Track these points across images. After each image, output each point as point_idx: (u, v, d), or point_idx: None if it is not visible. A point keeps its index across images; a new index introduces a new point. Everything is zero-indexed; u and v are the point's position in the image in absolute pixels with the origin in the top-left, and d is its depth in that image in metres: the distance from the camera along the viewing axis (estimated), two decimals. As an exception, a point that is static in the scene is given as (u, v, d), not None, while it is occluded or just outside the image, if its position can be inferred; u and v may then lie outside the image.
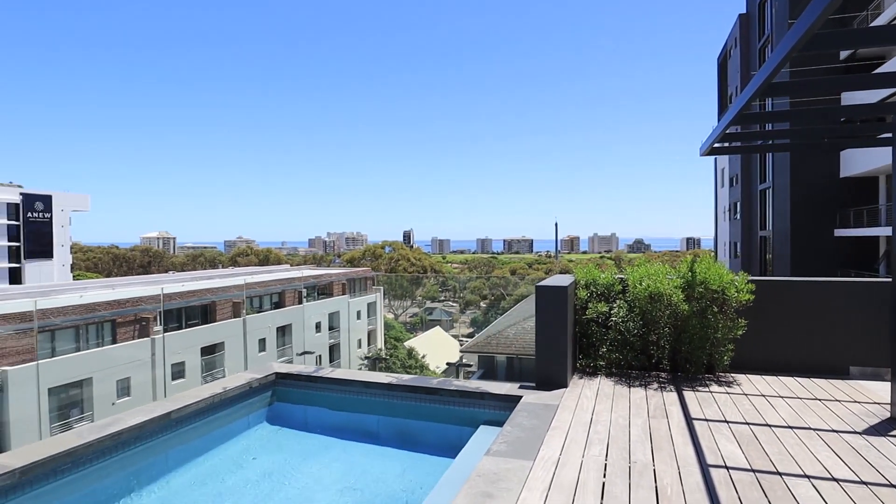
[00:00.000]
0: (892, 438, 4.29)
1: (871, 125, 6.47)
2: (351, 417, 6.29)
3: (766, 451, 4.06)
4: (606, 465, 3.84)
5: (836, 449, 4.09)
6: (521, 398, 5.30)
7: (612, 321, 6.26)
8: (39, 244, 62.81)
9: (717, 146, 6.21)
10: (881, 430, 4.47)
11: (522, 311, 24.91)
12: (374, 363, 35.64)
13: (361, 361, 40.50)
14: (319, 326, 39.21)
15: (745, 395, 5.42)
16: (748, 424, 4.60)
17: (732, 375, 6.09)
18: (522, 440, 4.28)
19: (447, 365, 24.92)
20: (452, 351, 39.41)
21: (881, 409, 4.98)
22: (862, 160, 22.83)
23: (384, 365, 35.24)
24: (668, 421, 4.68)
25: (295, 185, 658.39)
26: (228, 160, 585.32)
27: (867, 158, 22.27)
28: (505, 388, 5.68)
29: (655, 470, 3.75)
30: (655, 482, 3.57)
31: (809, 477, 3.63)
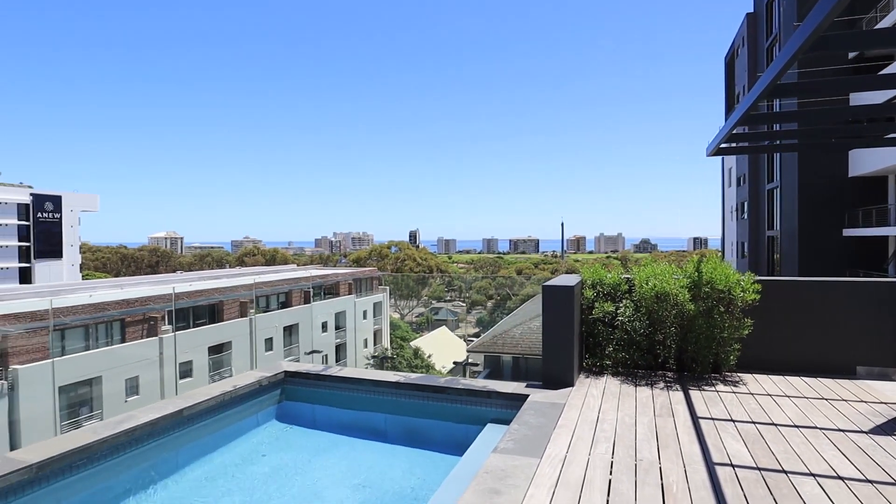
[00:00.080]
0: (898, 438, 4.30)
1: (879, 125, 6.48)
2: (359, 415, 6.35)
3: (771, 449, 4.08)
4: (613, 462, 3.88)
5: (842, 448, 4.10)
6: (527, 397, 5.35)
7: (618, 321, 6.30)
8: (49, 244, 63.47)
9: (723, 146, 6.24)
10: (888, 429, 4.48)
11: (528, 310, 24.90)
12: (381, 362, 35.76)
13: (367, 361, 40.63)
14: (326, 326, 39.39)
15: (751, 394, 5.44)
16: (754, 423, 4.63)
17: (739, 375, 6.11)
18: (530, 438, 4.33)
19: (454, 364, 24.95)
20: (458, 351, 39.49)
21: (888, 408, 4.98)
22: (870, 160, 22.68)
23: (390, 364, 35.33)
24: (674, 420, 4.72)
25: (301, 185, 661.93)
26: (235, 161, 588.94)
27: (876, 158, 22.11)
28: (512, 386, 5.73)
29: (661, 468, 3.78)
30: (661, 479, 3.61)
31: (815, 475, 3.66)
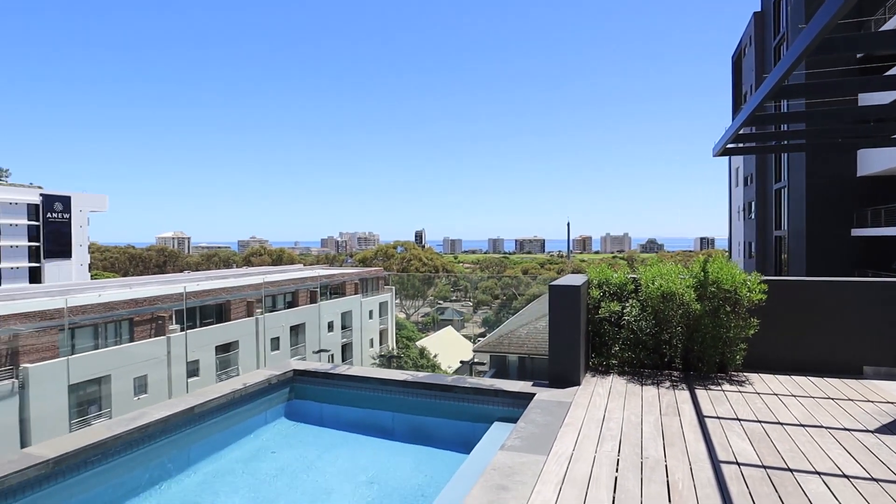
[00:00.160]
0: (904, 437, 4.32)
1: (886, 125, 6.46)
2: (367, 413, 6.42)
3: (777, 448, 4.11)
4: (619, 460, 3.92)
5: (847, 447, 4.12)
6: (534, 395, 5.39)
7: (624, 320, 6.33)
8: (58, 244, 64.02)
9: (730, 147, 6.26)
10: (894, 428, 4.50)
11: (534, 310, 24.93)
12: (387, 361, 35.86)
13: (374, 361, 40.73)
14: (332, 326, 39.53)
15: (757, 393, 5.46)
16: (760, 422, 4.65)
17: (745, 374, 6.12)
18: (536, 436, 4.37)
19: (460, 363, 25.00)
20: (464, 351, 39.48)
21: (895, 408, 5.00)
22: (879, 159, 22.54)
23: (396, 364, 35.44)
24: (679, 418, 4.75)
25: (307, 185, 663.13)
26: (241, 161, 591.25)
27: (885, 157, 21.98)
28: (519, 385, 5.78)
29: (667, 465, 3.82)
30: (667, 477, 3.65)
31: (820, 473, 3.69)
